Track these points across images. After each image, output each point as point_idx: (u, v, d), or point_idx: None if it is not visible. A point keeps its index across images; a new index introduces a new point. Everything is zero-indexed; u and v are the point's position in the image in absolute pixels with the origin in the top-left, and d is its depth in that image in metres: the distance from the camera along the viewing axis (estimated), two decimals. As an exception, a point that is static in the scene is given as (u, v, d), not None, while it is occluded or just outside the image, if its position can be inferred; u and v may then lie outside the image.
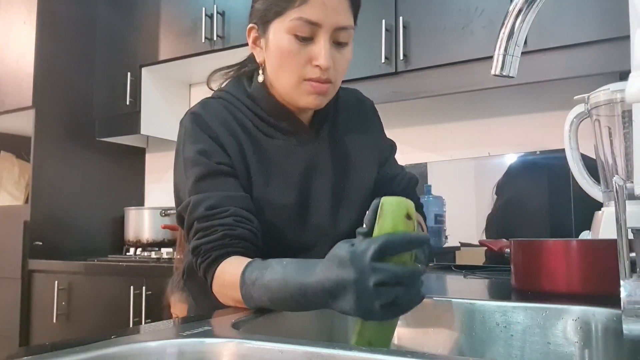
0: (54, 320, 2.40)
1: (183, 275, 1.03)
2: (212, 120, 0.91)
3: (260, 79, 0.95)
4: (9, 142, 3.09)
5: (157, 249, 2.70)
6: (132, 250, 2.77)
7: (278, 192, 0.93)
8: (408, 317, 0.84)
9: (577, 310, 0.74)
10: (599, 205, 1.30)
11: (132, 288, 2.20)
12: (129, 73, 2.70)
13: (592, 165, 1.35)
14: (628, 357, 0.68)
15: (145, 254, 2.68)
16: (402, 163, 1.14)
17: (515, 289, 0.95)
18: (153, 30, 2.68)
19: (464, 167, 2.16)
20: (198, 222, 0.84)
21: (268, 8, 0.89)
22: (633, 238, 0.57)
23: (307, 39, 0.86)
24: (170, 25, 2.64)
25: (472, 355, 0.79)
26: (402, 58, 1.99)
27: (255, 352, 0.53)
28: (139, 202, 3.13)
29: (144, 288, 2.18)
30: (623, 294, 0.53)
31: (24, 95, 2.68)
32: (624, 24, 0.63)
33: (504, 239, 1.47)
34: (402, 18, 2.00)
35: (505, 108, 2.18)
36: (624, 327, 0.53)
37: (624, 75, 0.56)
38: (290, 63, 0.87)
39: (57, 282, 2.42)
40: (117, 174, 3.03)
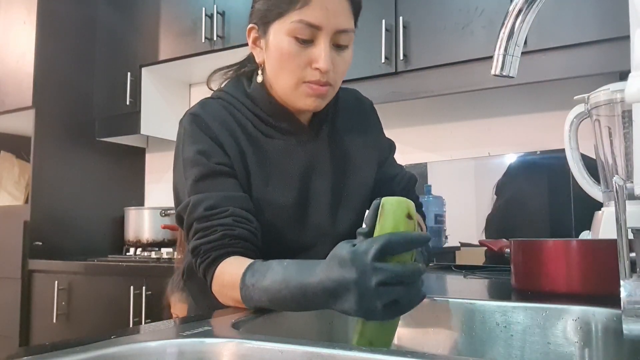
0: (54, 320, 2.40)
1: (183, 276, 1.03)
2: (211, 121, 0.91)
3: (260, 79, 0.95)
4: (9, 142, 3.09)
5: (157, 249, 2.70)
6: (132, 250, 2.77)
7: (277, 192, 0.93)
8: (408, 317, 0.83)
9: (577, 310, 0.74)
10: (599, 205, 1.29)
11: (132, 288, 2.20)
12: (129, 73, 2.70)
13: (592, 165, 1.35)
14: (628, 357, 0.68)
15: (145, 254, 2.68)
16: (402, 163, 1.14)
17: (515, 289, 0.95)
18: (153, 30, 2.68)
19: (464, 167, 2.16)
20: (197, 222, 0.84)
21: (269, 9, 0.88)
22: (633, 238, 0.57)
23: (307, 42, 0.86)
24: (170, 25, 2.64)
25: (472, 355, 0.79)
26: (402, 58, 1.99)
27: (255, 352, 0.53)
28: (139, 202, 3.13)
29: (144, 288, 2.18)
30: (623, 294, 0.53)
31: (24, 95, 2.68)
32: (624, 24, 0.63)
33: (504, 239, 1.47)
34: (402, 18, 2.00)
35: (505, 108, 2.18)
36: (624, 327, 0.53)
37: (624, 75, 0.56)
38: (290, 65, 0.87)
39: (57, 282, 2.42)
40: (117, 174, 3.03)
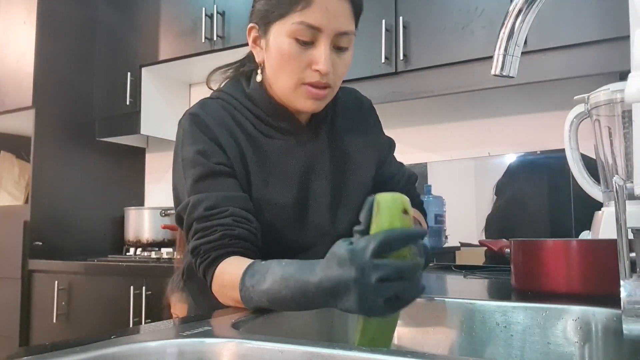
0: (54, 320, 2.40)
1: (183, 276, 1.03)
2: (210, 121, 0.91)
3: (259, 79, 0.95)
4: (9, 142, 3.09)
5: (157, 249, 2.70)
6: (132, 250, 2.77)
7: (277, 192, 0.93)
8: (408, 317, 0.84)
9: (577, 310, 0.74)
10: (599, 205, 1.30)
11: (132, 288, 2.20)
12: (129, 73, 2.70)
13: (592, 165, 1.35)
14: (628, 357, 0.68)
15: (145, 254, 2.68)
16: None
17: (515, 289, 0.95)
18: (153, 30, 2.68)
19: (464, 167, 2.16)
20: (197, 222, 0.84)
21: (270, 10, 0.88)
22: (633, 238, 0.57)
23: (307, 43, 0.86)
24: (170, 25, 2.64)
25: (472, 355, 0.79)
26: (402, 58, 1.99)
27: (255, 352, 0.53)
28: (139, 202, 3.13)
29: (144, 288, 2.18)
30: (623, 294, 0.53)
31: (24, 95, 2.68)
32: (624, 24, 0.62)
33: (504, 239, 1.47)
34: (402, 18, 2.00)
35: (505, 108, 2.18)
36: (624, 327, 0.53)
37: (624, 75, 0.56)
38: (290, 66, 0.87)
39: (57, 282, 2.42)
40: (117, 174, 3.03)
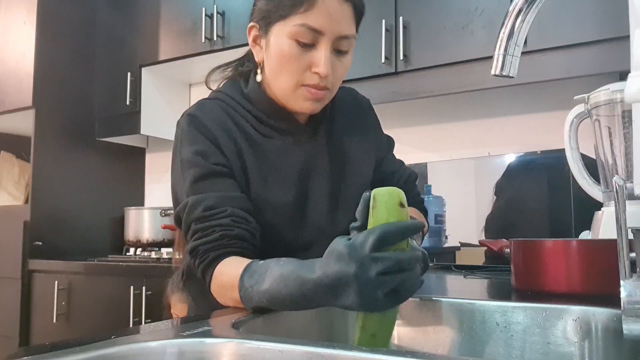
0: (54, 320, 2.40)
1: (182, 276, 1.03)
2: (208, 121, 0.91)
3: (259, 78, 0.95)
4: (9, 142, 3.09)
5: (157, 249, 2.70)
6: (132, 250, 2.77)
7: (276, 191, 0.93)
8: (408, 317, 0.84)
9: (577, 310, 0.74)
10: (599, 205, 1.29)
11: (132, 288, 2.20)
12: (129, 73, 2.70)
13: (592, 165, 1.35)
14: (628, 357, 0.68)
15: (145, 254, 2.68)
16: (402, 163, 1.14)
17: (515, 289, 0.95)
18: (153, 30, 2.68)
19: (464, 167, 2.16)
20: (196, 223, 0.84)
21: (272, 10, 0.88)
22: (633, 238, 0.57)
23: (308, 45, 0.86)
24: (170, 25, 2.64)
25: (472, 355, 0.79)
26: (402, 58, 1.99)
27: (255, 352, 0.53)
28: (139, 202, 3.13)
29: (144, 288, 2.18)
30: (623, 294, 0.53)
31: (24, 95, 2.68)
32: (624, 24, 0.62)
33: (504, 239, 1.47)
34: (402, 18, 2.00)
35: (505, 108, 2.18)
36: (624, 327, 0.53)
37: (624, 75, 0.56)
38: (290, 67, 0.87)
39: (57, 282, 2.42)
40: (117, 174, 3.03)
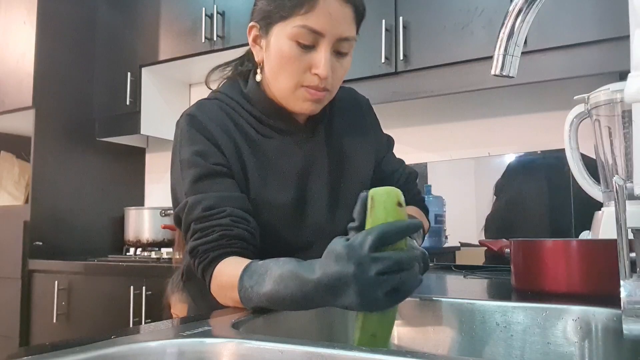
0: (54, 320, 2.40)
1: (182, 276, 1.03)
2: (208, 121, 0.91)
3: (259, 78, 0.95)
4: (9, 142, 3.09)
5: (157, 249, 2.70)
6: (132, 250, 2.77)
7: (275, 191, 0.93)
8: (408, 317, 0.84)
9: (577, 310, 0.74)
10: (599, 205, 1.29)
11: (132, 288, 2.20)
12: (129, 73, 2.70)
13: (592, 165, 1.35)
14: (628, 357, 0.68)
15: (145, 254, 2.68)
16: (402, 163, 1.14)
17: (515, 289, 0.95)
18: (153, 30, 2.68)
19: (464, 167, 2.16)
20: (195, 223, 0.84)
21: (273, 10, 0.88)
22: (633, 238, 0.57)
23: (308, 47, 0.86)
24: (170, 25, 2.64)
25: (472, 355, 0.79)
26: (402, 58, 1.99)
27: (255, 352, 0.53)
28: (139, 202, 3.13)
29: (144, 288, 2.18)
30: (623, 294, 0.53)
31: (24, 95, 2.68)
32: (624, 24, 0.62)
33: (504, 239, 1.47)
34: (402, 18, 2.00)
35: (505, 108, 2.18)
36: (624, 327, 0.53)
37: (624, 75, 0.56)
38: (290, 68, 0.87)
39: (57, 282, 2.42)
40: (117, 174, 3.03)
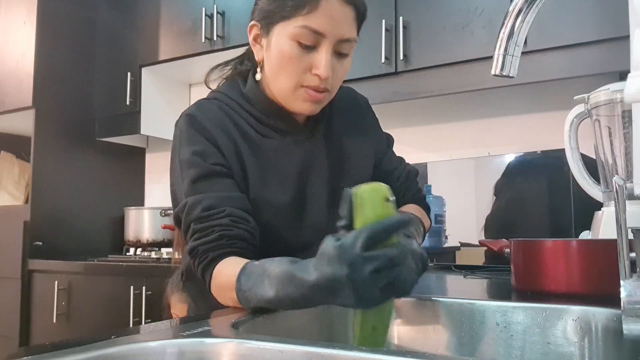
0: (54, 320, 2.40)
1: (182, 276, 1.03)
2: (207, 122, 0.91)
3: (258, 77, 0.95)
4: (9, 142, 3.09)
5: (157, 249, 2.70)
6: (132, 250, 2.77)
7: (274, 191, 0.93)
8: (408, 316, 0.84)
9: (577, 310, 0.74)
10: (599, 205, 1.29)
11: (132, 288, 2.20)
12: (129, 73, 2.70)
13: (592, 165, 1.35)
14: (628, 357, 0.68)
15: (145, 254, 2.68)
16: (402, 163, 1.14)
17: (515, 289, 0.95)
18: (153, 30, 2.68)
19: (464, 167, 2.16)
20: (195, 223, 0.84)
21: (274, 10, 0.88)
22: (633, 238, 0.57)
23: (309, 47, 0.86)
24: (170, 25, 2.64)
25: (472, 355, 0.79)
26: (402, 58, 1.99)
27: (255, 352, 0.53)
28: (139, 202, 3.13)
29: (144, 288, 2.18)
30: (623, 294, 0.53)
31: (24, 95, 2.68)
32: (624, 24, 0.62)
33: (504, 239, 1.47)
34: (402, 18, 2.00)
35: (505, 108, 2.18)
36: (624, 327, 0.53)
37: (624, 75, 0.56)
38: (290, 68, 0.88)
39: (57, 282, 2.42)
40: (117, 174, 3.03)
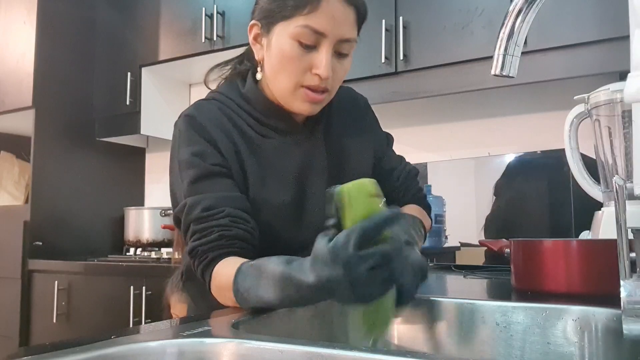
0: (54, 320, 2.40)
1: (182, 277, 1.03)
2: (206, 122, 0.91)
3: (258, 77, 0.95)
4: (9, 142, 3.09)
5: (157, 249, 2.70)
6: (132, 250, 2.77)
7: (274, 191, 0.93)
8: (408, 316, 0.84)
9: (577, 310, 0.74)
10: (599, 205, 1.29)
11: (132, 288, 2.20)
12: (129, 73, 2.70)
13: (592, 165, 1.35)
14: (628, 357, 0.68)
15: (145, 254, 2.68)
16: (402, 163, 1.14)
17: (515, 289, 0.95)
18: (153, 30, 2.68)
19: (464, 167, 2.16)
20: (194, 223, 0.84)
21: (275, 10, 0.88)
22: (633, 238, 0.57)
23: (310, 47, 0.86)
24: (170, 25, 2.64)
25: (472, 355, 0.79)
26: (402, 58, 1.99)
27: (255, 352, 0.53)
28: (139, 202, 3.13)
29: (144, 288, 2.18)
30: (623, 294, 0.53)
31: (24, 95, 2.68)
32: (624, 24, 0.62)
33: (504, 239, 1.47)
34: (402, 18, 2.00)
35: (505, 108, 2.18)
36: (624, 327, 0.53)
37: (624, 75, 0.56)
38: (290, 68, 0.88)
39: (57, 282, 2.42)
40: (117, 174, 3.03)
